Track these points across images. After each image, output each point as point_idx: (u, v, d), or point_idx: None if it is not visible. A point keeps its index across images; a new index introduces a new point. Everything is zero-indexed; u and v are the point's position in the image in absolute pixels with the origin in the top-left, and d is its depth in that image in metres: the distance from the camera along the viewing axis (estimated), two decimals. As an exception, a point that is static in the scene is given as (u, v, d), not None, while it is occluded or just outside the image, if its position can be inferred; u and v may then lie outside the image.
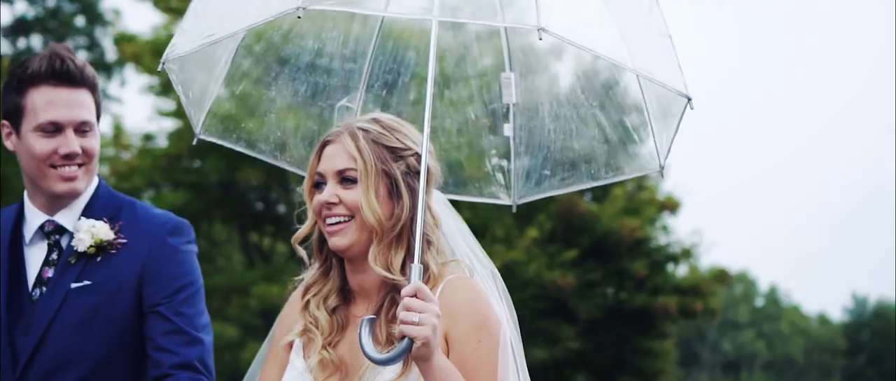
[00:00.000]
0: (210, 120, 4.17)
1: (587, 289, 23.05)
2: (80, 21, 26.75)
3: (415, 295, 3.48)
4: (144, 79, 21.85)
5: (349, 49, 4.27)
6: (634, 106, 4.08)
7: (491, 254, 15.21)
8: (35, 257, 4.18)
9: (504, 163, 4.23)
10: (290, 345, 3.80)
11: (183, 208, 21.13)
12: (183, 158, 20.96)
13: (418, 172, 3.67)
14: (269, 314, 19.35)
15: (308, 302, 3.79)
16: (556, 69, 4.20)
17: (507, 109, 4.17)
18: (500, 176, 4.26)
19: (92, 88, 4.18)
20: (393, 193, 3.69)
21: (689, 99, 3.84)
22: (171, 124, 21.65)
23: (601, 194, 23.47)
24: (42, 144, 4.12)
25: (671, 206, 24.68)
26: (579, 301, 22.89)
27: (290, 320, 3.85)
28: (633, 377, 25.00)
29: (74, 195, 4.15)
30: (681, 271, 25.30)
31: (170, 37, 4.22)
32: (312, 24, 4.27)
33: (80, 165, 4.13)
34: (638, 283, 23.65)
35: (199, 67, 4.09)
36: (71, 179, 4.12)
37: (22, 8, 26.81)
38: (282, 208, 22.04)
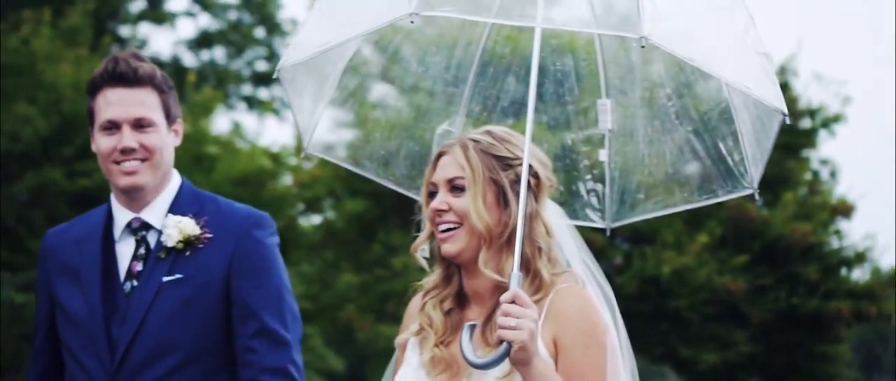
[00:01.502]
0: (317, 136, 4.24)
1: (758, 294, 22.57)
2: (259, 32, 27.28)
3: (513, 301, 3.52)
4: (341, 104, 22.11)
5: (451, 74, 4.30)
6: (729, 130, 4.01)
7: (661, 260, 15.09)
8: (124, 252, 4.31)
9: (599, 187, 4.20)
10: (406, 345, 3.88)
11: (362, 216, 21.42)
12: (361, 168, 21.21)
13: (528, 182, 3.70)
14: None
15: (425, 304, 3.85)
16: (652, 95, 4.15)
17: (603, 135, 4.13)
18: (594, 199, 4.23)
19: (156, 87, 4.29)
20: (500, 200, 3.73)
21: (785, 115, 3.82)
22: (350, 135, 21.97)
23: (772, 199, 22.97)
24: (104, 143, 4.27)
25: (844, 210, 23.99)
26: (751, 306, 22.43)
27: (409, 321, 3.94)
28: (807, 380, 24.41)
29: (137, 190, 4.27)
30: (855, 274, 24.58)
31: (366, 64, 4.34)
32: (416, 47, 4.32)
33: (143, 161, 4.24)
34: (810, 287, 23.05)
35: (310, 82, 4.16)
36: (131, 173, 4.24)
37: (205, 21, 27.48)
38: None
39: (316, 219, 22.70)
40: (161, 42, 54.33)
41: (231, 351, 4.25)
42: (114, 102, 4.25)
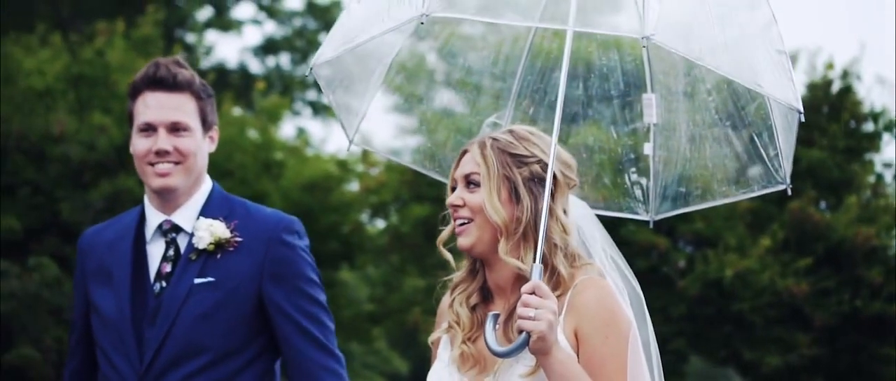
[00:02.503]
0: (364, 130, 4.30)
1: (822, 297, 22.35)
2: (324, 38, 27.40)
3: (533, 292, 3.58)
4: (390, 98, 22.20)
5: (498, 68, 4.36)
6: (765, 125, 4.03)
7: (724, 263, 15.11)
8: (155, 253, 4.39)
9: (643, 180, 4.24)
10: (439, 342, 3.96)
11: (427, 220, 21.48)
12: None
13: (542, 179, 3.77)
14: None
15: (453, 300, 3.93)
16: (693, 90, 4.17)
17: (648, 129, 4.16)
18: (638, 192, 4.27)
19: (194, 93, 4.37)
20: (512, 196, 3.79)
21: (800, 112, 3.88)
22: (415, 142, 22.02)
23: (835, 202, 22.75)
24: (140, 144, 4.37)
25: (910, 213, 23.70)
26: (814, 309, 22.21)
27: (440, 318, 4.01)
28: (872, 383, 24.13)
29: (169, 191, 4.34)
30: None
31: (413, 58, 4.43)
32: (464, 43, 4.37)
33: (176, 164, 4.32)
34: (874, 290, 22.79)
35: (351, 77, 4.23)
36: (163, 175, 4.32)
37: (270, 28, 27.63)
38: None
39: (382, 224, 22.78)
40: (227, 49, 54.72)
41: (254, 352, 4.32)
42: (152, 106, 4.34)
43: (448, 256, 3.93)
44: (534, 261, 3.70)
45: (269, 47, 27.23)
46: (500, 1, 3.96)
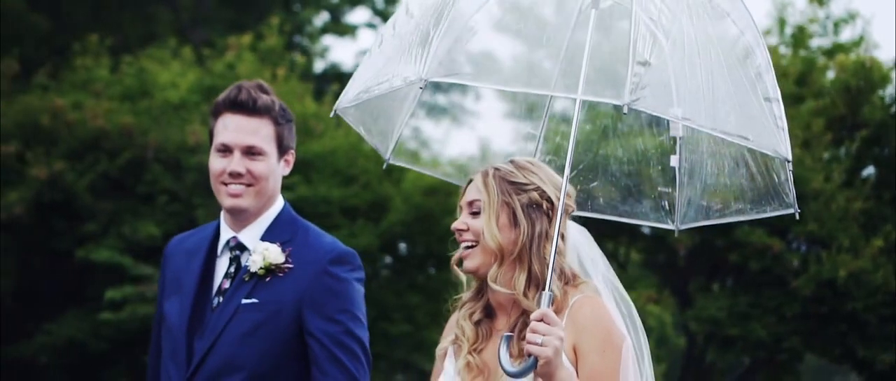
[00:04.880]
0: (399, 148, 4.35)
1: (934, 295, 21.81)
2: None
3: (542, 319, 3.71)
4: (509, 105, 22.19)
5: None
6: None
7: (837, 263, 14.95)
8: (220, 268, 4.42)
9: (669, 191, 4.25)
10: (445, 355, 4.07)
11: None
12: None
13: (539, 205, 3.91)
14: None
15: (459, 317, 4.05)
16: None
17: (674, 142, 4.18)
18: (665, 203, 4.30)
19: (273, 118, 4.36)
20: (511, 220, 3.91)
21: (788, 161, 3.88)
22: (532, 147, 21.92)
23: (948, 202, 22.15)
24: (216, 164, 4.37)
25: None
26: (926, 307, 21.70)
27: (447, 334, 4.13)
28: None
29: (239, 212, 4.36)
30: None
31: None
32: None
33: (248, 186, 4.33)
34: (984, 289, 22.14)
35: (380, 108, 4.27)
36: (235, 195, 4.33)
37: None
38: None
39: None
40: (343, 53, 54.97)
41: (287, 378, 4.32)
42: (230, 128, 4.33)
43: (462, 275, 4.02)
44: (525, 283, 3.86)
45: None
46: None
